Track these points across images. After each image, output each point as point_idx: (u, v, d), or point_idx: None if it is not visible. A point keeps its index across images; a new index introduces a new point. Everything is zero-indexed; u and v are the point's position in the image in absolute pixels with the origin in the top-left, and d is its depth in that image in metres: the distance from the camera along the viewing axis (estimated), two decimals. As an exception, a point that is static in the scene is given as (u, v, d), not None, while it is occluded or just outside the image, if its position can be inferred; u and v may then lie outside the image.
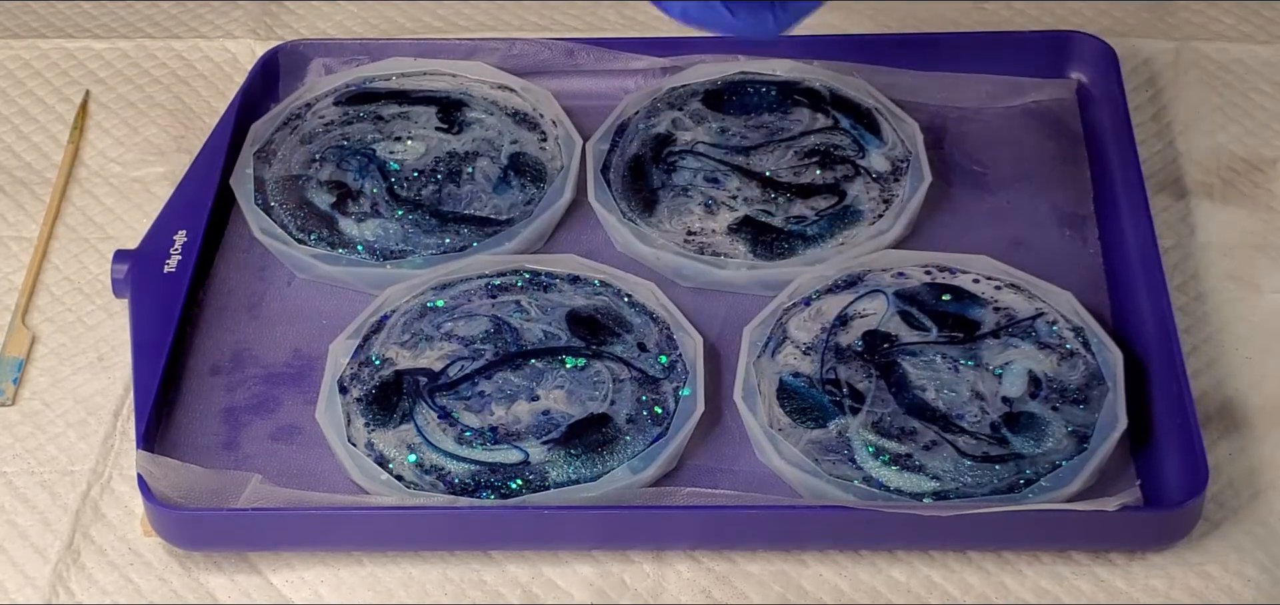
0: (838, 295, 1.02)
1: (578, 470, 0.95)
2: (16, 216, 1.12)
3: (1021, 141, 1.13)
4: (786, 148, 1.10)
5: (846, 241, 1.06)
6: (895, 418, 0.96)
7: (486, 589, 0.93)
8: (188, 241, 1.06)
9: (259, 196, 1.09)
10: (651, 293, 1.03)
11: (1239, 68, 1.19)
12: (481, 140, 1.11)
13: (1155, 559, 0.93)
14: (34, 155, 1.16)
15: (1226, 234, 1.08)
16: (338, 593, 0.93)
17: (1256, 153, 1.13)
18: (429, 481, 0.94)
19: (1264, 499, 0.95)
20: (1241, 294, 1.05)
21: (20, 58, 1.22)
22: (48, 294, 1.08)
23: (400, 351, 1.00)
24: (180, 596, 0.93)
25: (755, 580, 0.93)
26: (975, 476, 0.93)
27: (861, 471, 0.94)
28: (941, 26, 1.21)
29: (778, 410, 0.97)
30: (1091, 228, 1.08)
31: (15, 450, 1.00)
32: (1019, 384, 0.97)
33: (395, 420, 0.97)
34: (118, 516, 0.96)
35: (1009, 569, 0.93)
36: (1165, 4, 1.23)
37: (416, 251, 1.06)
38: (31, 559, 0.95)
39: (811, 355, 0.99)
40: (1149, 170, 1.11)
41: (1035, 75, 1.16)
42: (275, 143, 1.12)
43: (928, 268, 1.03)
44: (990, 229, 1.08)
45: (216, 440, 0.99)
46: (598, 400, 0.97)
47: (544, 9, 1.24)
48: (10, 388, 1.02)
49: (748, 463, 0.97)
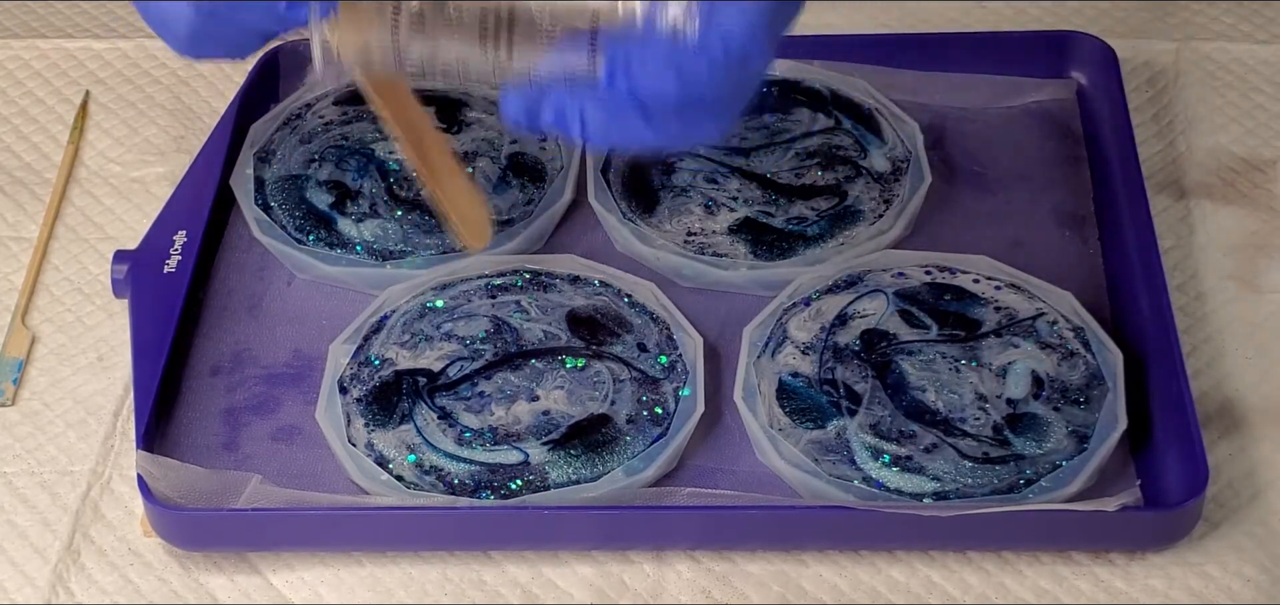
0: (838, 295, 1.02)
1: (578, 471, 0.95)
2: (16, 216, 1.12)
3: (1021, 141, 1.13)
4: (787, 149, 1.10)
5: (846, 242, 1.06)
6: (894, 419, 0.96)
7: (486, 589, 0.93)
8: (188, 241, 1.06)
9: (259, 196, 1.09)
10: (651, 293, 1.03)
11: (1239, 68, 1.19)
12: (481, 140, 1.11)
13: (1155, 559, 0.93)
14: (34, 155, 1.16)
15: (1226, 234, 1.08)
16: (338, 593, 0.93)
17: (1256, 153, 1.13)
18: (429, 482, 0.94)
19: (1264, 499, 0.95)
20: (1241, 294, 1.05)
21: (20, 58, 1.22)
22: (48, 294, 1.08)
23: (400, 352, 1.00)
24: (180, 596, 0.93)
25: (755, 580, 0.93)
26: (975, 477, 0.93)
27: (861, 472, 0.94)
28: (941, 26, 1.21)
29: (778, 410, 0.97)
30: (1091, 228, 1.08)
31: (15, 450, 1.00)
32: (1022, 384, 0.97)
33: (395, 421, 0.97)
34: (118, 517, 0.96)
35: (1009, 569, 0.93)
36: (1165, 4, 1.23)
37: (416, 251, 1.06)
38: (31, 559, 0.95)
39: (811, 355, 0.99)
40: (1149, 170, 1.11)
41: (1035, 75, 1.16)
42: (275, 143, 1.12)
43: (928, 268, 1.03)
44: (990, 229, 1.08)
45: (216, 440, 0.99)
46: (598, 401, 0.97)
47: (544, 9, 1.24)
48: (10, 388, 1.02)
49: (748, 463, 0.97)
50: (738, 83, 0.84)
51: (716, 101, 0.85)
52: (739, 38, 0.82)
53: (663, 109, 0.84)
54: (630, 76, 0.83)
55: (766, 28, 0.83)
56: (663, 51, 0.83)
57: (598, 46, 0.83)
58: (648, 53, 0.83)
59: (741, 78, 0.84)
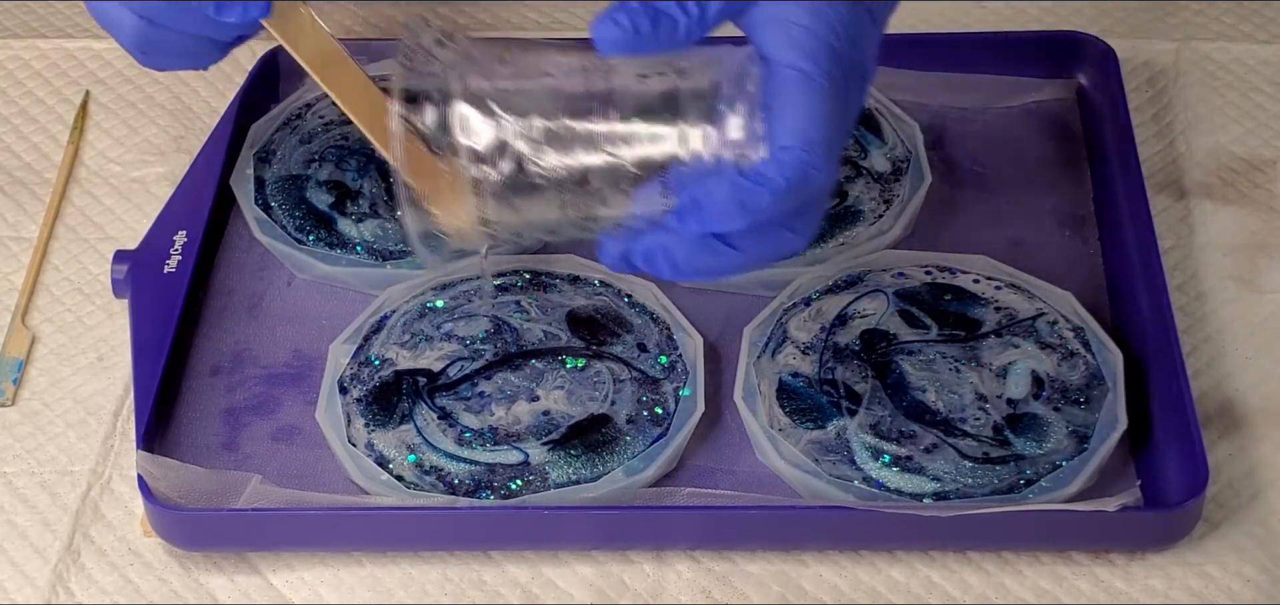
0: (838, 295, 1.02)
1: (578, 471, 0.95)
2: (16, 216, 1.12)
3: (1021, 142, 1.13)
4: (787, 148, 1.10)
5: (847, 242, 1.06)
6: (894, 420, 0.96)
7: (486, 589, 0.93)
8: (188, 241, 1.06)
9: (259, 196, 1.09)
10: (651, 293, 1.03)
11: (1239, 68, 1.19)
12: (481, 140, 1.11)
13: (1155, 559, 0.93)
14: (34, 155, 1.16)
15: (1226, 234, 1.08)
16: (338, 593, 0.93)
17: (1256, 153, 1.13)
18: (429, 482, 0.94)
19: (1264, 499, 0.95)
20: (1241, 294, 1.05)
21: (20, 58, 1.22)
22: (48, 294, 1.08)
23: (400, 352, 1.00)
24: (180, 596, 0.93)
25: (755, 580, 0.93)
26: (975, 477, 0.93)
27: (861, 472, 0.94)
28: (941, 26, 1.21)
29: (777, 410, 0.97)
30: (1091, 228, 1.08)
31: (15, 450, 1.00)
32: (1022, 385, 0.97)
33: (395, 421, 0.97)
34: (118, 517, 0.96)
35: (1009, 569, 0.93)
36: (1165, 4, 1.23)
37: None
38: (31, 559, 0.95)
39: (811, 355, 0.99)
40: (1149, 170, 1.11)
41: (1035, 75, 1.16)
42: (275, 143, 1.12)
43: (928, 268, 1.03)
44: (990, 229, 1.08)
45: (216, 440, 0.99)
46: (598, 401, 0.97)
47: (544, 9, 1.24)
48: (10, 388, 1.02)
49: (748, 463, 0.97)
50: (807, 200, 0.85)
51: (791, 218, 0.86)
52: (797, 164, 0.83)
53: (739, 237, 0.85)
54: (701, 216, 0.84)
55: (823, 144, 0.83)
56: (727, 187, 0.83)
57: (669, 189, 0.85)
58: (713, 189, 0.84)
59: (808, 196, 0.85)
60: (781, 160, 0.83)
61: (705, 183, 0.84)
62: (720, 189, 0.83)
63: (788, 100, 0.83)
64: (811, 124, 0.83)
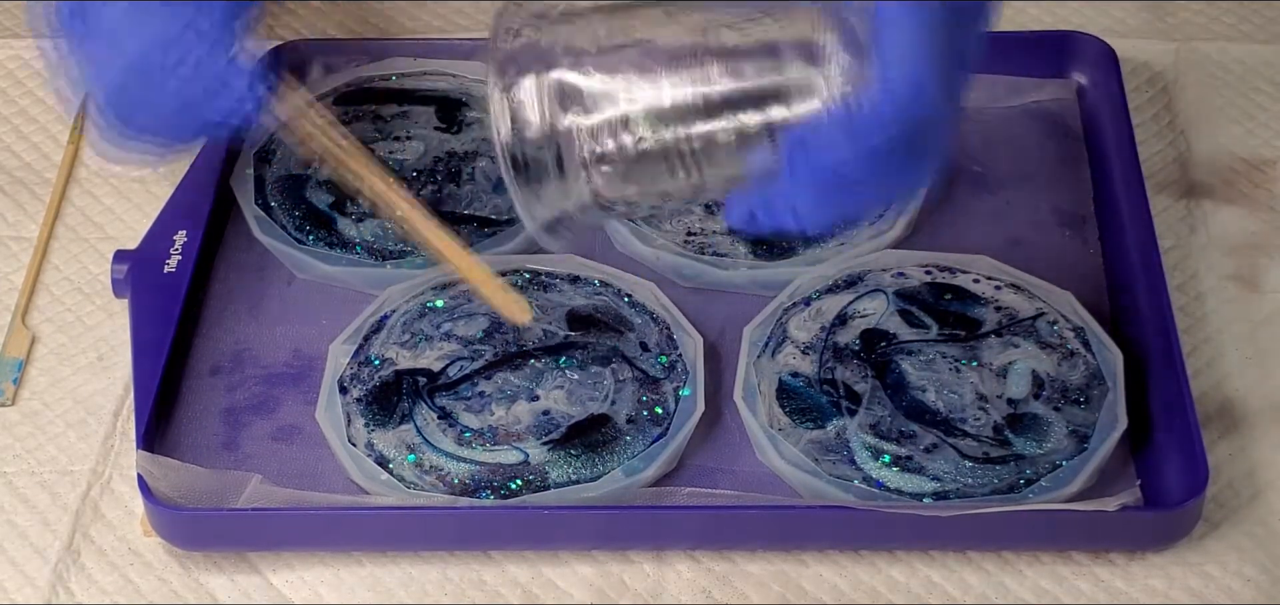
0: (838, 295, 1.02)
1: (577, 470, 0.95)
2: (16, 216, 1.12)
3: (1021, 141, 1.13)
4: (787, 148, 1.10)
5: (846, 241, 1.06)
6: (894, 419, 0.96)
7: (486, 589, 0.93)
8: (188, 241, 1.06)
9: (259, 196, 1.09)
10: (651, 293, 1.03)
11: (1239, 68, 1.19)
12: (481, 140, 1.11)
13: (1155, 559, 0.93)
14: (34, 155, 1.16)
15: (1226, 234, 1.08)
16: (338, 593, 0.93)
17: (1256, 153, 1.13)
18: (429, 482, 0.94)
19: (1264, 499, 0.95)
20: (1241, 294, 1.05)
21: (20, 58, 1.22)
22: (48, 294, 1.08)
23: (400, 352, 1.00)
24: (180, 596, 0.93)
25: (755, 580, 0.93)
26: (975, 477, 0.93)
27: (861, 472, 0.94)
28: (942, 26, 1.21)
29: (777, 410, 0.97)
30: (1091, 228, 1.08)
31: (15, 450, 1.00)
32: (1022, 384, 0.97)
33: (395, 421, 0.97)
34: (118, 516, 0.96)
35: (1009, 569, 0.93)
36: (1165, 4, 1.23)
37: (416, 251, 1.06)
38: (31, 559, 0.95)
39: (811, 355, 0.99)
40: (1149, 170, 1.11)
41: (1035, 75, 1.16)
42: (275, 142, 1.12)
43: (928, 268, 1.03)
44: (990, 229, 1.08)
45: (216, 440, 0.99)
46: (598, 400, 0.97)
47: (544, 9, 1.24)
48: (10, 388, 1.02)
49: (748, 463, 0.97)
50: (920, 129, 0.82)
51: (909, 149, 0.83)
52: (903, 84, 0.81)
53: (856, 174, 0.83)
54: (807, 153, 0.82)
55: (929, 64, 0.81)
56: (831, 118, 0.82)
57: (777, 140, 0.83)
58: (817, 123, 0.82)
59: (920, 123, 0.82)
60: (887, 79, 0.80)
61: (810, 120, 0.82)
62: (824, 121, 0.82)
63: (892, 26, 0.81)
64: (918, 46, 0.80)
